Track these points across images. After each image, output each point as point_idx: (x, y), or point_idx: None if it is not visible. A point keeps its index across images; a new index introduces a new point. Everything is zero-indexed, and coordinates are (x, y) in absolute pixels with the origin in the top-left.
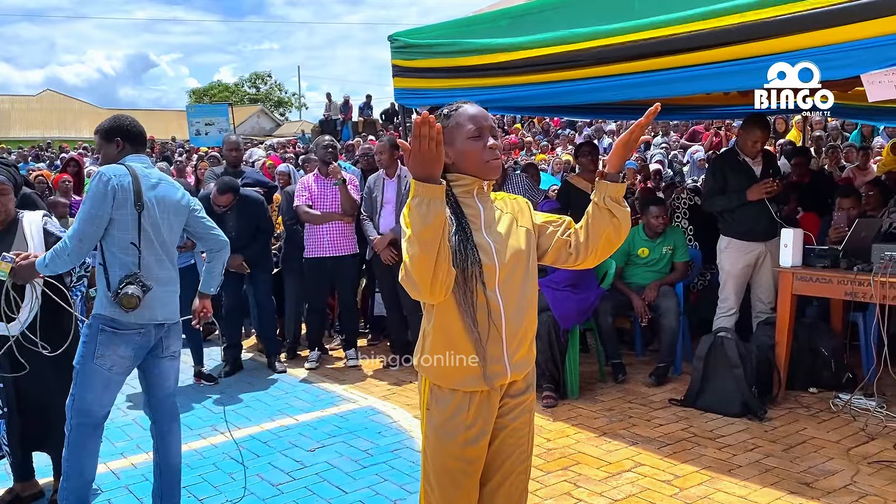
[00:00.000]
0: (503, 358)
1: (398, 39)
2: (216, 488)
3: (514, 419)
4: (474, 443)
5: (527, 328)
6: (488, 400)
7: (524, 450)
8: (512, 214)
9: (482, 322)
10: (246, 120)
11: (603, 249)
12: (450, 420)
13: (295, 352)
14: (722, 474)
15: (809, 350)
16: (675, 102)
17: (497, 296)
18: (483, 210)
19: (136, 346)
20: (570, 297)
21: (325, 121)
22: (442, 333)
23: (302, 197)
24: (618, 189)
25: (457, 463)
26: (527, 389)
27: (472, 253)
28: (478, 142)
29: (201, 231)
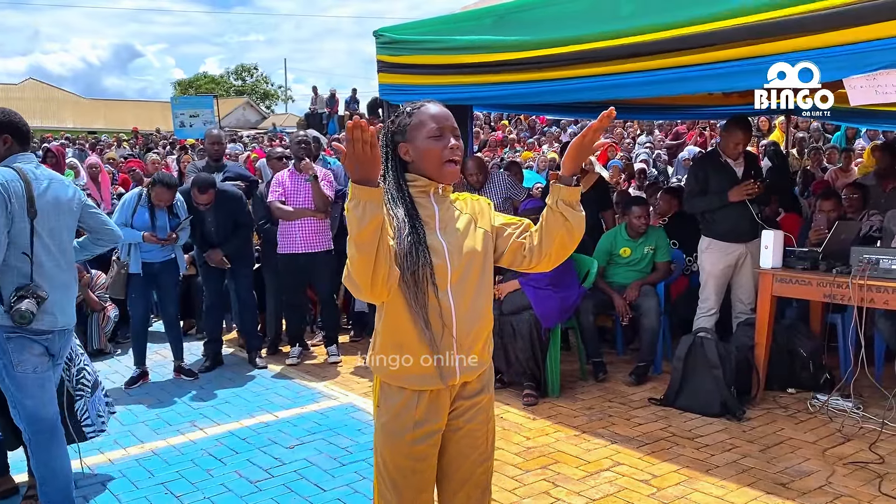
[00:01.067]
0: (454, 359)
1: (384, 35)
2: (194, 485)
3: (469, 420)
4: (423, 441)
5: (480, 330)
6: (437, 399)
7: (483, 451)
8: (471, 215)
9: (434, 323)
10: (231, 112)
11: (557, 253)
12: (398, 417)
13: (276, 347)
14: (700, 474)
15: (788, 351)
16: (659, 102)
17: (449, 297)
18: (438, 210)
19: (46, 345)
20: (551, 296)
21: (310, 114)
22: (392, 333)
23: (275, 193)
24: (571, 192)
25: (406, 461)
26: (482, 390)
27: (424, 254)
28: (438, 141)
29: (96, 225)
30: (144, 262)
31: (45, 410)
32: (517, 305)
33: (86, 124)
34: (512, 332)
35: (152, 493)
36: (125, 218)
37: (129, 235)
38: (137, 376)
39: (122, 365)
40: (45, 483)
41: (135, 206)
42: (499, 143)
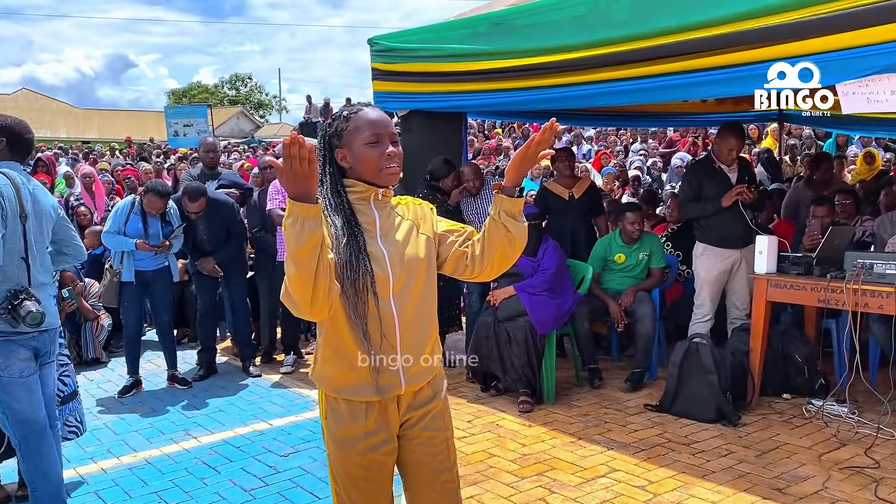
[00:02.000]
0: (398, 370)
1: (378, 43)
2: (188, 493)
3: (425, 428)
4: (374, 450)
5: (425, 338)
6: (387, 410)
7: (443, 458)
8: (413, 221)
9: (374, 334)
10: (225, 121)
11: (499, 263)
12: (347, 429)
13: (270, 356)
14: (696, 479)
15: (783, 356)
16: (652, 110)
17: (391, 307)
18: (379, 217)
19: (31, 348)
20: (546, 303)
21: (305, 123)
22: (333, 345)
23: (275, 200)
24: (513, 204)
25: (357, 470)
26: (434, 397)
27: (364, 264)
28: (375, 148)
29: (65, 238)
30: (137, 271)
31: (33, 413)
32: (512, 312)
33: (79, 134)
34: (507, 339)
35: (146, 502)
36: (118, 226)
37: (122, 243)
38: (131, 385)
39: (116, 374)
40: (36, 488)
41: (127, 213)
42: (493, 151)
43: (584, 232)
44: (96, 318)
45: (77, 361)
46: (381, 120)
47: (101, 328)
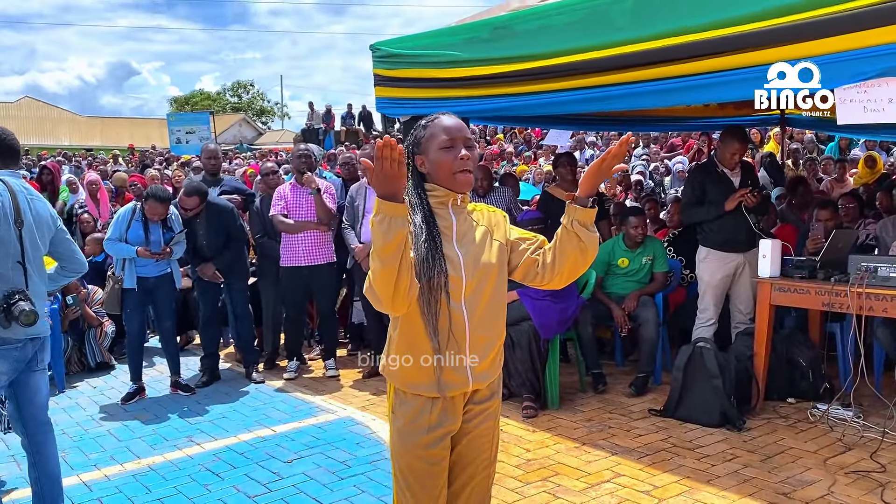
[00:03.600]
0: (465, 368)
1: (380, 49)
2: (191, 500)
3: (477, 425)
4: (437, 444)
5: (492, 341)
6: (452, 405)
7: (487, 455)
8: (487, 227)
9: (443, 332)
10: (228, 129)
11: (569, 271)
12: (413, 422)
13: (273, 362)
14: (701, 484)
15: (787, 361)
16: (654, 114)
17: (462, 308)
18: (456, 222)
19: (13, 361)
20: (550, 307)
21: (307, 130)
22: (406, 339)
23: (278, 206)
24: (586, 214)
25: (421, 463)
26: (491, 396)
27: (440, 264)
28: (449, 152)
29: (66, 253)
30: (140, 277)
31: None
32: (516, 316)
33: (82, 142)
34: (511, 344)
35: None
36: (119, 232)
37: (123, 250)
38: (134, 392)
39: (119, 381)
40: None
41: (129, 220)
42: (495, 157)
43: None
44: (100, 324)
45: (81, 368)
46: (456, 125)
47: (104, 335)
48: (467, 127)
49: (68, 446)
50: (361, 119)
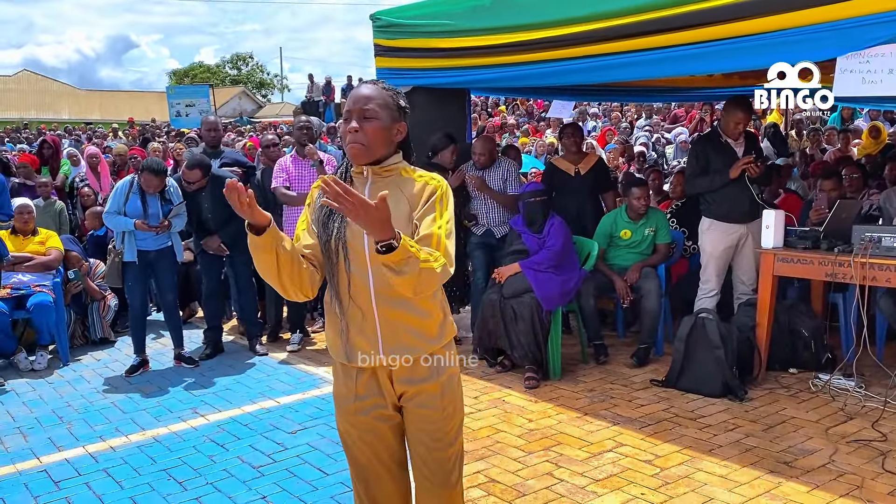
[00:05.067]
0: (376, 340)
1: (380, 18)
2: (196, 471)
3: (418, 405)
4: (366, 413)
5: (409, 313)
6: (376, 377)
7: (437, 438)
8: (409, 198)
9: (343, 297)
10: (227, 101)
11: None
12: (341, 388)
13: (276, 334)
14: (702, 454)
15: (790, 331)
16: (657, 84)
17: (367, 276)
18: (368, 190)
19: None
20: (552, 279)
21: (307, 102)
22: (326, 305)
23: (279, 178)
24: (385, 258)
25: (352, 429)
26: (429, 377)
27: (336, 226)
28: (345, 125)
29: None
30: (140, 251)
31: None
32: (518, 288)
33: (82, 115)
34: (513, 316)
35: (155, 480)
36: (117, 205)
37: (122, 223)
38: (138, 364)
39: (123, 353)
40: None
41: (126, 193)
42: (497, 129)
43: (590, 208)
44: (102, 298)
45: (84, 342)
46: (354, 96)
47: (107, 308)
48: (390, 96)
49: (73, 418)
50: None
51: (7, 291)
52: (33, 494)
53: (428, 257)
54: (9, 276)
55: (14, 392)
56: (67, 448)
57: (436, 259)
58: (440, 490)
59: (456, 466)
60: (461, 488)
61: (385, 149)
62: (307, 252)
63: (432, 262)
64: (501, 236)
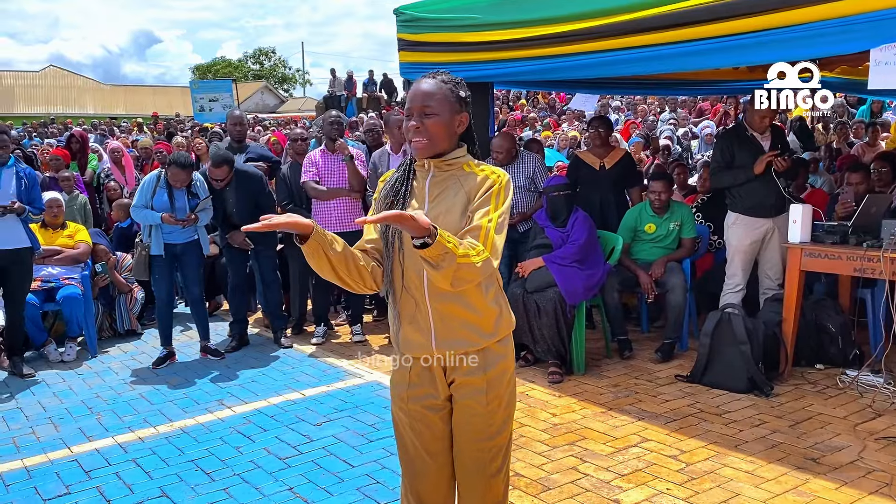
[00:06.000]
0: (429, 333)
1: (404, 13)
2: (223, 462)
3: (463, 397)
4: (417, 401)
5: (462, 307)
6: (429, 369)
7: (480, 430)
8: (468, 191)
9: (397, 288)
10: (250, 96)
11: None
12: (396, 375)
13: (301, 327)
14: (728, 450)
15: (817, 327)
16: (682, 77)
17: (421, 270)
18: (428, 183)
19: None
20: (576, 274)
21: (329, 97)
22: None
23: (309, 173)
24: (423, 253)
25: (403, 416)
26: (478, 370)
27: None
28: (407, 121)
29: None
30: (167, 244)
31: None
32: (541, 283)
33: (106, 110)
34: (536, 310)
35: (183, 470)
36: (144, 199)
37: (149, 217)
38: (165, 356)
39: (150, 346)
40: None
41: (154, 187)
42: (518, 123)
43: (614, 202)
44: (129, 291)
45: (111, 334)
46: (412, 93)
47: (134, 301)
48: (450, 89)
49: (103, 409)
50: (383, 86)
51: (37, 284)
52: (65, 483)
53: (468, 251)
54: (39, 269)
55: (45, 382)
56: (97, 438)
57: (477, 253)
58: (478, 478)
59: (497, 457)
60: (504, 479)
61: (448, 142)
62: (369, 246)
63: (472, 257)
64: (524, 230)
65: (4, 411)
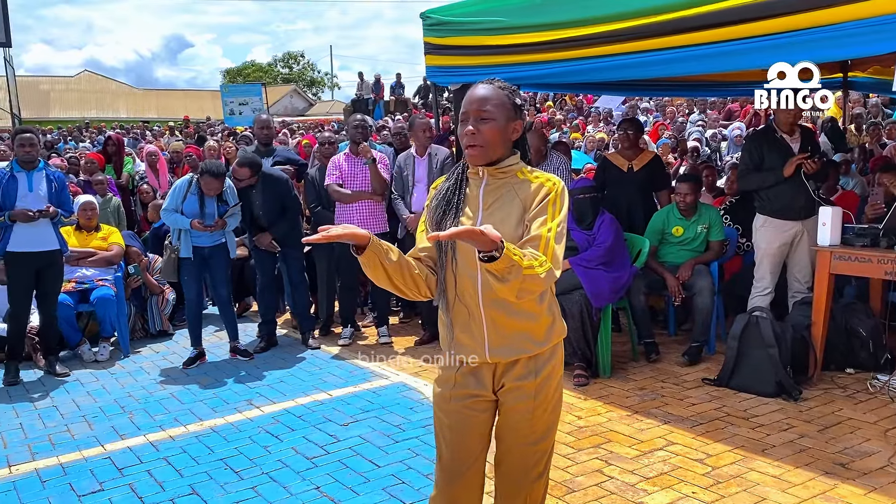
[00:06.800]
0: (482, 340)
1: (431, 17)
2: (252, 461)
3: (513, 400)
4: (460, 401)
5: (516, 316)
6: (477, 372)
7: (525, 434)
8: (523, 199)
9: (450, 294)
10: (279, 100)
11: None
12: (442, 373)
13: (328, 328)
14: (755, 454)
15: (846, 330)
16: (710, 79)
17: (475, 277)
18: (483, 190)
19: None
20: (602, 276)
21: (357, 100)
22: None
23: (332, 176)
24: (490, 266)
25: (444, 415)
26: (528, 376)
27: (448, 226)
28: (462, 126)
29: None
30: (195, 247)
31: None
32: (567, 285)
33: (138, 114)
34: (562, 313)
35: (212, 469)
36: (175, 203)
37: (178, 222)
38: (195, 357)
39: (180, 346)
40: None
41: (185, 192)
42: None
43: (641, 205)
44: (161, 292)
45: (143, 335)
46: (469, 98)
47: (165, 302)
48: (506, 95)
49: (135, 408)
50: (420, 91)
51: (72, 285)
52: (99, 480)
53: (532, 263)
54: (73, 271)
55: (79, 381)
56: (130, 436)
57: (540, 264)
58: (520, 481)
59: (541, 462)
60: (544, 483)
61: (502, 149)
62: (423, 255)
63: (536, 268)
64: None
65: (41, 409)
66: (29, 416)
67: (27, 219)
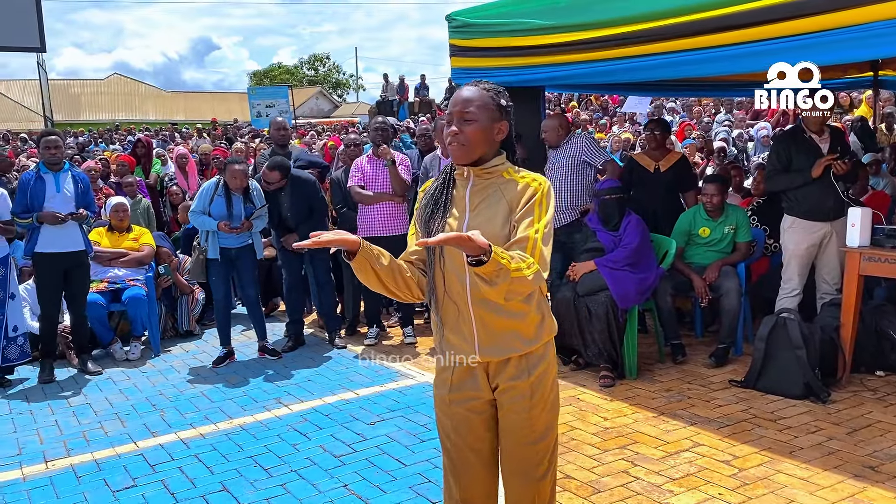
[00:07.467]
0: (472, 340)
1: (456, 19)
2: (280, 458)
3: (508, 401)
4: (460, 404)
5: (504, 315)
6: (471, 373)
7: (525, 434)
8: (510, 199)
9: (439, 293)
10: (305, 102)
11: None
12: (438, 377)
13: (354, 328)
14: (783, 456)
15: (876, 332)
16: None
17: (464, 277)
18: (469, 191)
19: None
20: (629, 277)
21: (381, 101)
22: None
23: (355, 178)
24: (478, 270)
25: (446, 419)
26: (519, 376)
27: (437, 230)
28: (447, 127)
29: None
30: (222, 248)
31: None
32: (593, 286)
33: (167, 116)
34: (588, 314)
35: (242, 466)
36: (203, 205)
37: (206, 223)
38: (224, 356)
39: (209, 345)
40: None
41: (212, 194)
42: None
43: (666, 206)
44: (191, 292)
45: (174, 334)
46: (454, 99)
47: (195, 302)
48: (490, 97)
49: (166, 406)
50: (449, 94)
51: (104, 285)
52: (132, 476)
53: (520, 265)
54: (105, 271)
55: (111, 380)
56: (161, 434)
57: (528, 266)
58: (525, 482)
59: (543, 461)
60: (550, 483)
61: (486, 149)
62: (414, 258)
63: (524, 270)
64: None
65: (75, 406)
66: (63, 413)
67: (56, 221)
